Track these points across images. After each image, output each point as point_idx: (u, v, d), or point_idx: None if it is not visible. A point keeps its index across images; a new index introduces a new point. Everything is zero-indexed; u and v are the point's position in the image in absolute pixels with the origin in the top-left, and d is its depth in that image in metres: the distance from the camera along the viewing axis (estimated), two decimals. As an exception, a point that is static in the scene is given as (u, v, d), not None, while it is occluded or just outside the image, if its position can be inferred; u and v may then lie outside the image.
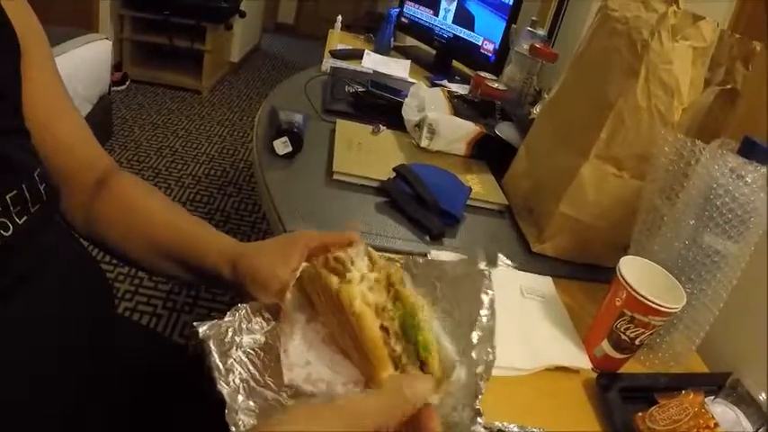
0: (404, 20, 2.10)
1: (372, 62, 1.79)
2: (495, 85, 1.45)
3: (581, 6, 1.66)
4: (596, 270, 0.88)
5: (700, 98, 0.81)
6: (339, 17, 2.21)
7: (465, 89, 1.56)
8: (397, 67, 1.79)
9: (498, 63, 1.66)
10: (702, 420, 0.57)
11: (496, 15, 1.68)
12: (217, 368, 0.42)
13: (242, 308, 0.48)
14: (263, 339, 0.48)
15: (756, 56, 0.83)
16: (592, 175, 0.84)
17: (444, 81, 1.71)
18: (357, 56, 1.82)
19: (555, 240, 0.89)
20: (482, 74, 1.52)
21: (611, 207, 0.85)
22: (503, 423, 0.56)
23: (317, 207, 0.90)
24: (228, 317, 0.47)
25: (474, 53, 1.77)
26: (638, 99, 0.78)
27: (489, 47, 1.71)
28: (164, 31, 3.40)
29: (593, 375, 0.68)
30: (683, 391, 0.61)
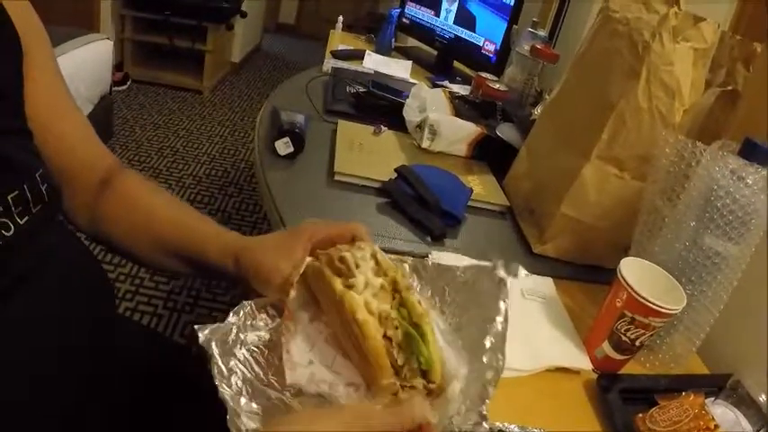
0: (405, 20, 2.10)
1: (373, 63, 1.78)
2: (497, 86, 1.45)
3: (582, 7, 1.66)
4: (597, 271, 0.88)
5: (701, 99, 0.81)
6: (340, 17, 2.21)
7: (466, 90, 1.56)
8: (399, 68, 1.79)
9: (499, 64, 1.66)
10: (703, 422, 0.57)
11: (497, 16, 1.68)
12: (219, 372, 0.42)
13: (246, 305, 0.48)
14: (267, 336, 0.48)
15: (757, 57, 0.83)
16: (593, 176, 0.84)
17: (445, 82, 1.71)
18: (358, 56, 1.82)
19: (556, 241, 0.89)
20: (483, 75, 1.52)
21: (612, 208, 0.85)
22: (503, 423, 0.56)
23: (318, 207, 0.90)
24: (232, 316, 0.46)
25: (475, 54, 1.77)
26: (639, 100, 0.78)
27: (490, 48, 1.71)
28: (165, 32, 3.40)
29: (593, 376, 0.68)
30: (683, 393, 0.61)
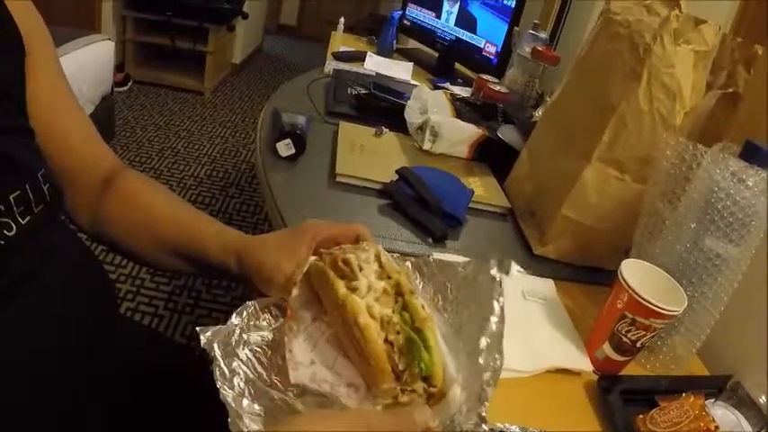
0: (406, 22, 2.10)
1: (375, 64, 1.79)
2: (498, 88, 1.45)
3: (583, 9, 1.67)
4: (598, 273, 0.88)
5: (701, 102, 0.81)
6: (341, 19, 2.22)
7: (467, 92, 1.56)
8: (400, 70, 1.79)
9: (500, 66, 1.66)
10: (703, 423, 0.57)
11: (498, 18, 1.68)
12: (221, 374, 0.41)
13: (250, 305, 0.48)
14: (270, 336, 0.47)
15: (758, 59, 0.83)
16: (594, 179, 0.84)
17: (446, 83, 1.71)
18: (359, 58, 1.83)
19: (557, 243, 0.89)
20: (484, 76, 1.51)
21: (612, 210, 0.85)
22: (504, 424, 0.56)
23: (319, 209, 0.90)
24: (235, 318, 0.46)
25: (476, 56, 1.77)
26: (640, 102, 0.78)
27: (491, 49, 1.72)
28: (166, 33, 3.41)
29: (594, 377, 0.68)
30: (683, 394, 0.61)
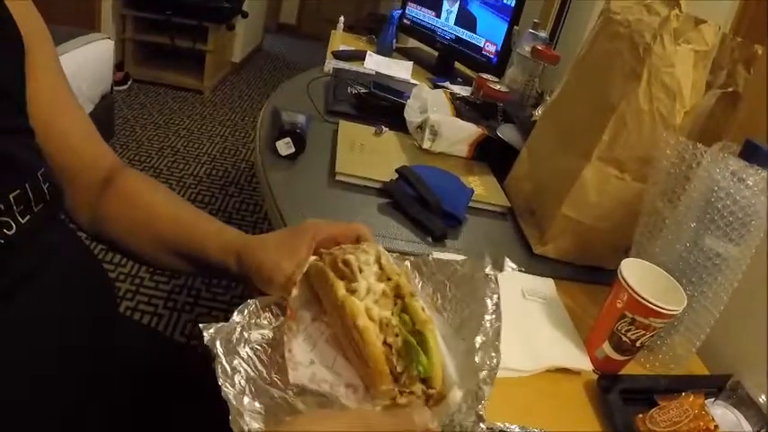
0: (406, 21, 2.10)
1: (374, 63, 1.79)
2: (497, 87, 1.45)
3: (583, 9, 1.67)
4: (597, 272, 0.89)
5: (701, 101, 0.81)
6: (341, 18, 2.21)
7: (467, 91, 1.56)
8: (400, 69, 1.79)
9: (500, 65, 1.66)
10: (702, 422, 0.57)
11: (498, 17, 1.68)
12: (223, 371, 0.42)
13: (251, 303, 0.48)
14: (271, 335, 0.47)
15: (758, 59, 0.83)
16: (594, 178, 0.84)
17: (446, 83, 1.71)
18: (359, 57, 1.82)
19: (557, 242, 0.89)
20: (484, 76, 1.52)
21: (612, 209, 0.85)
22: (504, 424, 0.56)
23: (319, 208, 0.90)
24: (237, 315, 0.46)
25: (476, 55, 1.77)
26: (640, 102, 0.78)
27: (491, 48, 1.72)
28: (166, 31, 3.40)
29: (593, 377, 0.68)
30: (683, 393, 0.61)
